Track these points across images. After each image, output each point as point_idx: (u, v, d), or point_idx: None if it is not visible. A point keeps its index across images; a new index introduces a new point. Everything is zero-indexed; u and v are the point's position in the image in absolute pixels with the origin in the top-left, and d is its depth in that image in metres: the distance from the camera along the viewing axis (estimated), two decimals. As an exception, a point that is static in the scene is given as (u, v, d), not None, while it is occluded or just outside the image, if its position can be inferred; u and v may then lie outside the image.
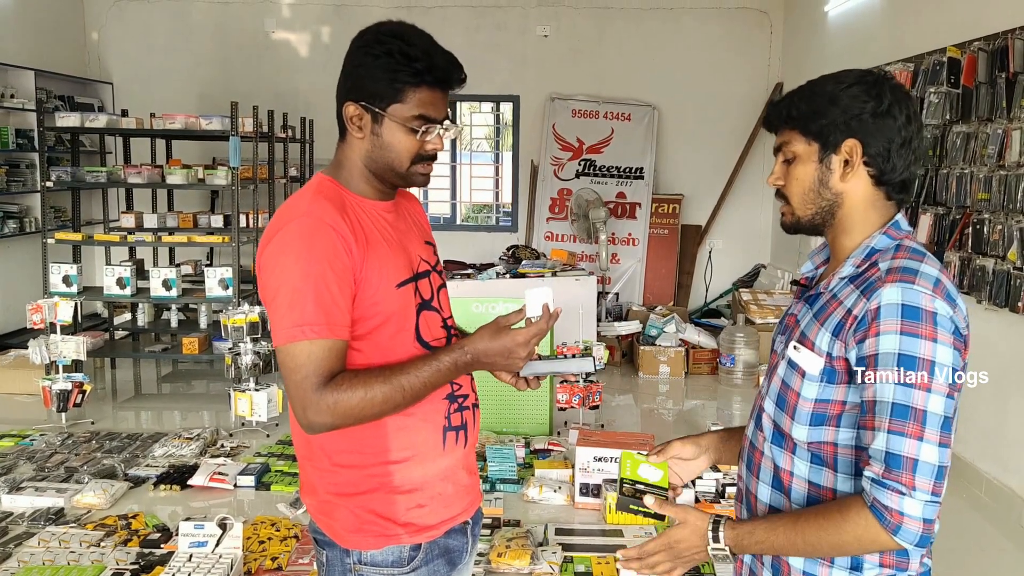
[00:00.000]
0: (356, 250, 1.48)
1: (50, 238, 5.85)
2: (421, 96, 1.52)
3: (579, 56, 8.11)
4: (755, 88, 7.99)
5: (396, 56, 1.49)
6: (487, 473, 4.26)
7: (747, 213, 8.19)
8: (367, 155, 1.56)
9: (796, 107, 1.40)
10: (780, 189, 1.45)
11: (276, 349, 1.47)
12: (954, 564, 3.46)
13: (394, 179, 1.59)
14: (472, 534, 1.72)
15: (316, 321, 1.44)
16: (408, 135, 1.53)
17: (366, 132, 1.54)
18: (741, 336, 6.51)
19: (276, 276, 1.47)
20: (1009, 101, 4.17)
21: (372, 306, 1.51)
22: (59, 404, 5.06)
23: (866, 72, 1.39)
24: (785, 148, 1.42)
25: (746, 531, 1.39)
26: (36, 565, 3.37)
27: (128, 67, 8.17)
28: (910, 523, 1.22)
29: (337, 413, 1.44)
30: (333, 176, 1.59)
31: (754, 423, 1.50)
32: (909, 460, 1.23)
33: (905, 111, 1.36)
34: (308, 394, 1.44)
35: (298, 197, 1.56)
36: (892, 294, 1.26)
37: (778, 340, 1.50)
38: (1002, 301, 4.16)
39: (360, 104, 1.53)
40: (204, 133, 5.97)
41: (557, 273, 6.10)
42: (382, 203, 1.61)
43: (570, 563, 3.41)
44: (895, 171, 1.37)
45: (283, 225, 1.49)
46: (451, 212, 8.78)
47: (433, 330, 1.62)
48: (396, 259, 1.56)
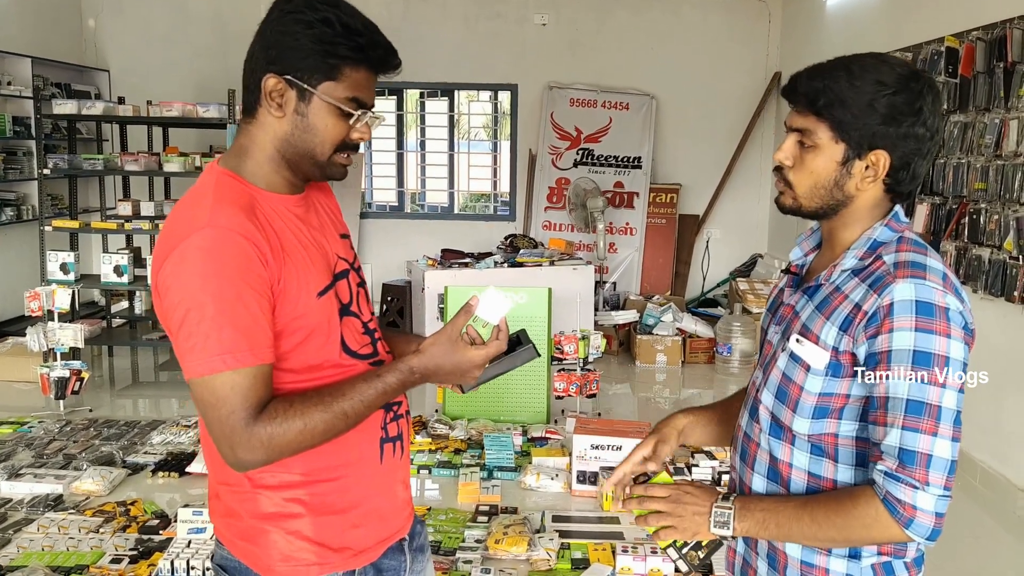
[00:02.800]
0: (272, 260, 1.29)
1: (47, 226, 5.85)
2: (357, 76, 1.33)
3: (577, 45, 8.09)
4: (754, 78, 7.99)
5: (336, 26, 1.30)
6: (485, 461, 4.28)
7: (744, 203, 8.20)
8: (284, 139, 1.35)
9: (831, 99, 1.30)
10: (783, 169, 1.38)
11: (190, 382, 1.27)
12: (950, 553, 3.48)
13: (310, 169, 1.38)
14: (410, 549, 1.56)
15: (237, 348, 1.24)
16: (338, 119, 1.34)
17: (287, 111, 1.34)
18: (738, 325, 6.53)
19: (181, 299, 1.25)
20: (1007, 91, 4.18)
21: (293, 320, 1.33)
22: (57, 391, 5.06)
23: (910, 73, 1.30)
24: (806, 135, 1.34)
25: (754, 498, 1.40)
26: (35, 551, 3.38)
27: (125, 54, 8.13)
28: (923, 517, 1.23)
29: (272, 448, 1.27)
30: (233, 168, 1.37)
31: (749, 414, 1.48)
32: (923, 456, 1.23)
33: (936, 123, 1.32)
34: (237, 431, 1.25)
35: (193, 202, 1.32)
36: (905, 290, 1.25)
37: (772, 330, 1.48)
38: (998, 291, 4.18)
39: (284, 78, 1.32)
40: (201, 121, 5.97)
41: (555, 262, 6.10)
42: (292, 197, 1.40)
43: (567, 550, 3.43)
44: (912, 182, 1.35)
45: (183, 238, 1.26)
46: (449, 201, 8.77)
47: (357, 337, 1.44)
48: (314, 264, 1.37)
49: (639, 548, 3.31)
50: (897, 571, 1.35)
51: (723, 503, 1.40)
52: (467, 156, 8.85)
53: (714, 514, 1.39)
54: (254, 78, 1.36)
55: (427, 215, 8.70)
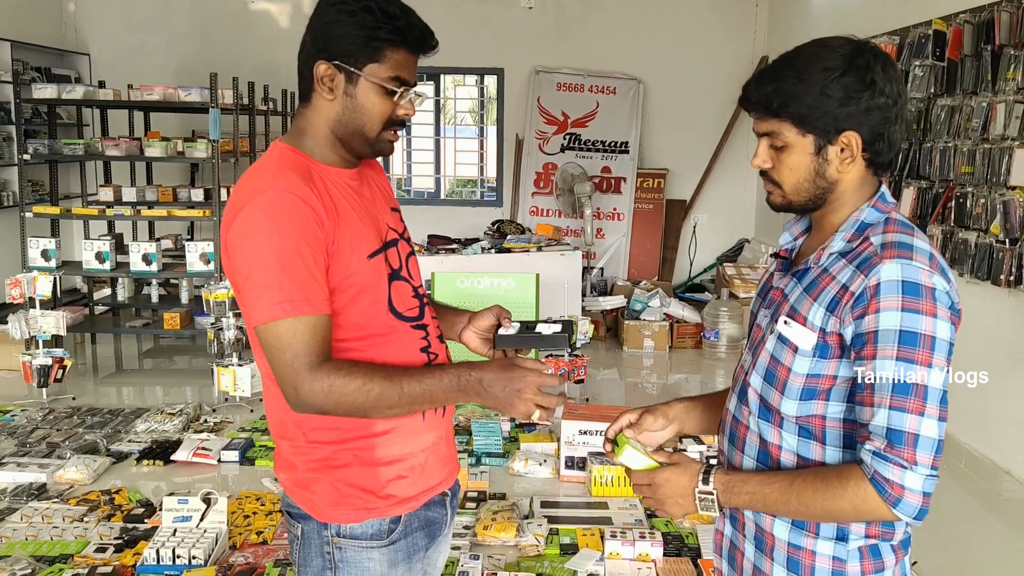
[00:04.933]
0: (327, 222, 1.42)
1: (28, 212, 5.78)
2: (398, 57, 1.46)
3: (564, 29, 8.04)
4: (740, 61, 7.95)
5: (375, 12, 1.43)
6: (473, 447, 4.27)
7: (731, 188, 8.19)
8: (336, 119, 1.49)
9: (784, 99, 1.32)
10: (767, 171, 1.40)
11: (256, 329, 1.40)
12: (936, 535, 3.50)
13: (361, 146, 1.52)
14: (451, 505, 1.70)
15: (294, 297, 1.37)
16: (384, 97, 1.47)
17: (338, 94, 1.47)
18: (725, 310, 6.54)
19: (247, 255, 1.39)
20: (994, 74, 4.17)
21: (345, 279, 1.45)
22: (39, 379, 5.00)
23: (853, 50, 1.32)
24: (773, 136, 1.36)
25: (739, 479, 1.39)
26: (19, 540, 3.35)
27: (105, 38, 8.01)
28: (911, 496, 1.23)
29: (331, 397, 1.39)
30: (294, 145, 1.51)
31: (737, 397, 1.49)
32: (911, 436, 1.23)
33: (896, 87, 1.32)
34: (302, 373, 1.38)
35: (259, 170, 1.48)
36: (892, 271, 1.25)
37: (761, 314, 1.48)
38: (984, 274, 4.19)
39: (333, 63, 1.45)
40: (183, 105, 5.89)
41: (542, 248, 6.08)
42: (347, 171, 1.54)
43: (555, 535, 3.43)
44: (890, 150, 1.36)
45: (247, 201, 1.41)
46: (435, 187, 8.73)
47: (405, 300, 1.56)
48: (366, 229, 1.50)
49: (627, 533, 3.31)
50: (884, 553, 1.36)
51: (704, 488, 1.40)
52: (453, 141, 8.81)
53: (698, 499, 1.41)
54: (307, 66, 1.49)
55: (413, 200, 8.64)
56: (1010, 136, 4.03)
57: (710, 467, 1.42)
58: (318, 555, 1.55)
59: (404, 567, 1.58)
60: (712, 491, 1.40)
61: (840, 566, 1.35)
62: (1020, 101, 3.98)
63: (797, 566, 1.38)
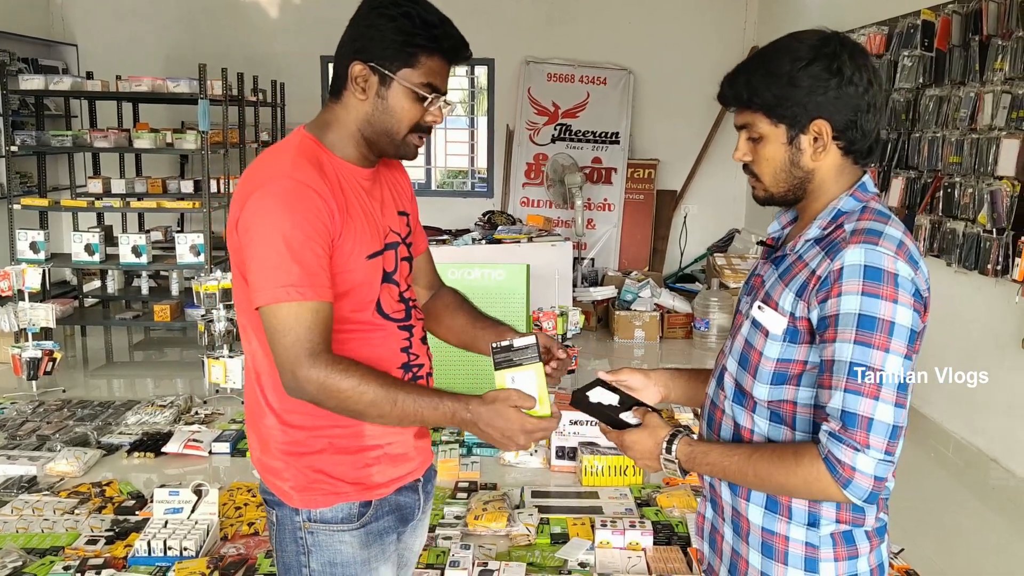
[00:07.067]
0: (337, 216, 1.46)
1: (16, 204, 5.74)
2: (432, 64, 1.50)
3: (554, 19, 8.02)
4: (730, 52, 7.91)
5: (415, 20, 1.47)
6: (464, 438, 4.28)
7: (722, 178, 8.18)
8: (365, 119, 1.52)
9: (754, 90, 1.36)
10: (748, 165, 1.44)
11: (260, 310, 1.44)
12: (924, 522, 3.53)
13: (386, 147, 1.56)
14: (424, 491, 1.72)
15: (300, 283, 1.41)
16: (414, 102, 1.51)
17: (370, 95, 1.51)
18: (715, 300, 6.56)
19: (257, 237, 1.43)
20: (982, 64, 4.19)
21: (340, 274, 1.49)
22: (29, 372, 4.99)
23: (820, 40, 1.34)
24: (750, 128, 1.40)
25: (701, 451, 1.43)
26: (10, 533, 3.35)
27: (93, 29, 7.94)
28: (861, 479, 1.25)
29: (324, 388, 1.41)
30: (317, 136, 1.55)
31: (715, 382, 1.52)
32: (864, 419, 1.24)
33: (866, 76, 1.34)
34: (301, 358, 1.41)
35: (278, 154, 1.51)
36: (855, 255, 1.27)
37: (744, 300, 1.51)
38: (971, 264, 4.21)
39: (368, 65, 1.49)
40: (172, 96, 5.86)
41: (533, 238, 6.08)
42: (363, 170, 1.57)
43: (546, 524, 3.44)
44: (864, 138, 1.37)
45: (263, 184, 1.45)
46: (426, 178, 8.70)
47: (391, 303, 1.60)
48: (369, 229, 1.54)
49: (618, 522, 3.33)
50: (857, 539, 1.38)
51: (668, 456, 1.45)
52: (444, 132, 8.77)
53: (663, 463, 1.46)
54: (342, 64, 1.52)
55: (404, 192, 8.61)
56: (997, 126, 4.05)
57: (675, 433, 1.46)
58: (292, 540, 1.59)
59: (377, 549, 1.61)
60: (675, 460, 1.44)
61: (813, 552, 1.37)
62: (1007, 91, 4.00)
63: (771, 551, 1.40)
